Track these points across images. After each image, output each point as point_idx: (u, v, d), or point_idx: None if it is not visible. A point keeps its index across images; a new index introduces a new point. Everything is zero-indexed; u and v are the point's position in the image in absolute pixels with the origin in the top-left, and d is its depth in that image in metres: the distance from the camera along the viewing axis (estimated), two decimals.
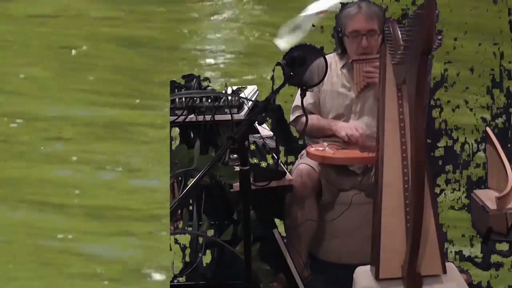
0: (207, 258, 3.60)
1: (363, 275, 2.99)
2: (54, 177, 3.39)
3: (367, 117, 3.59)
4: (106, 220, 3.19)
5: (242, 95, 3.47)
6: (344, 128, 3.54)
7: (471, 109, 4.83)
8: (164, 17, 5.19)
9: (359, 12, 3.50)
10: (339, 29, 3.57)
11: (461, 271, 3.33)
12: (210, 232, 3.33)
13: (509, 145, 4.35)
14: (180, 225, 3.32)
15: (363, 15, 3.50)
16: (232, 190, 3.21)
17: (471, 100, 4.89)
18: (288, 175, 3.41)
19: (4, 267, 2.97)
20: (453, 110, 4.83)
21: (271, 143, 3.55)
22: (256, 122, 2.59)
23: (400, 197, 2.94)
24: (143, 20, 4.81)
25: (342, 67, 3.65)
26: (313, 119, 3.61)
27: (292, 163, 3.86)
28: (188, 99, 3.36)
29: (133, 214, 3.21)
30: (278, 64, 2.65)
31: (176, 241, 3.77)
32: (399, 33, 2.99)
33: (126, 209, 3.23)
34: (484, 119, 4.77)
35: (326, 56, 2.70)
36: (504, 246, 3.80)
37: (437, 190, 4.29)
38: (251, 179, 2.70)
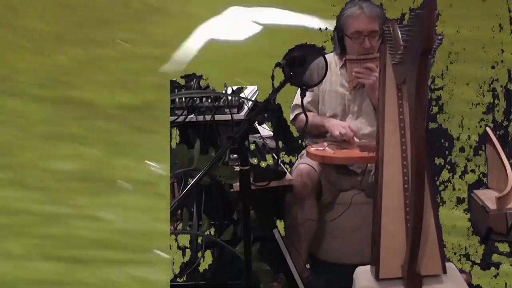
0: (207, 258, 3.60)
1: (363, 275, 2.99)
2: None
3: (365, 116, 3.59)
4: None
5: (242, 95, 3.47)
6: (337, 127, 3.54)
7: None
8: None
9: (361, 13, 3.50)
10: (340, 29, 3.57)
11: (461, 271, 3.33)
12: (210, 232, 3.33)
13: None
14: (180, 226, 3.32)
15: (365, 16, 3.50)
16: (232, 190, 3.21)
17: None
18: (288, 175, 3.41)
19: None
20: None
21: (271, 143, 3.55)
22: (256, 122, 2.59)
23: (400, 197, 2.94)
24: None
25: (341, 67, 3.66)
26: (309, 116, 3.61)
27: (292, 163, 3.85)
28: (188, 99, 3.36)
29: None
30: (278, 64, 2.65)
31: (176, 241, 3.77)
32: (399, 33, 2.99)
33: None
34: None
35: (326, 56, 2.70)
36: (504, 246, 3.80)
37: None
38: (251, 179, 2.70)
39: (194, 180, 2.39)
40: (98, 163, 3.82)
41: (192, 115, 3.37)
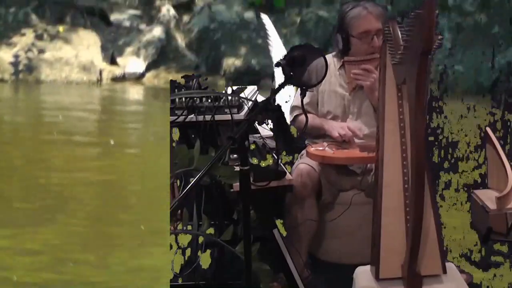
0: (207, 258, 3.60)
1: (363, 275, 2.99)
2: None
3: (364, 117, 3.59)
4: None
5: (242, 95, 3.47)
6: (336, 128, 3.55)
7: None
8: None
9: (368, 12, 3.51)
10: (345, 30, 3.56)
11: (461, 271, 3.33)
12: (210, 232, 3.33)
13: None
14: (180, 225, 3.32)
15: (372, 15, 3.51)
16: (232, 190, 3.21)
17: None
18: (288, 175, 3.41)
19: None
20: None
21: (271, 143, 3.55)
22: (256, 122, 2.59)
23: (400, 197, 2.94)
24: None
25: (340, 67, 3.66)
26: (309, 118, 3.60)
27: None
28: (188, 99, 3.36)
29: None
30: (278, 64, 2.65)
31: (176, 241, 3.76)
32: (399, 33, 2.99)
33: None
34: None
35: (325, 56, 2.70)
36: (504, 246, 3.80)
37: None
38: (251, 179, 2.70)
39: (194, 180, 2.39)
40: None
41: (192, 115, 3.36)
